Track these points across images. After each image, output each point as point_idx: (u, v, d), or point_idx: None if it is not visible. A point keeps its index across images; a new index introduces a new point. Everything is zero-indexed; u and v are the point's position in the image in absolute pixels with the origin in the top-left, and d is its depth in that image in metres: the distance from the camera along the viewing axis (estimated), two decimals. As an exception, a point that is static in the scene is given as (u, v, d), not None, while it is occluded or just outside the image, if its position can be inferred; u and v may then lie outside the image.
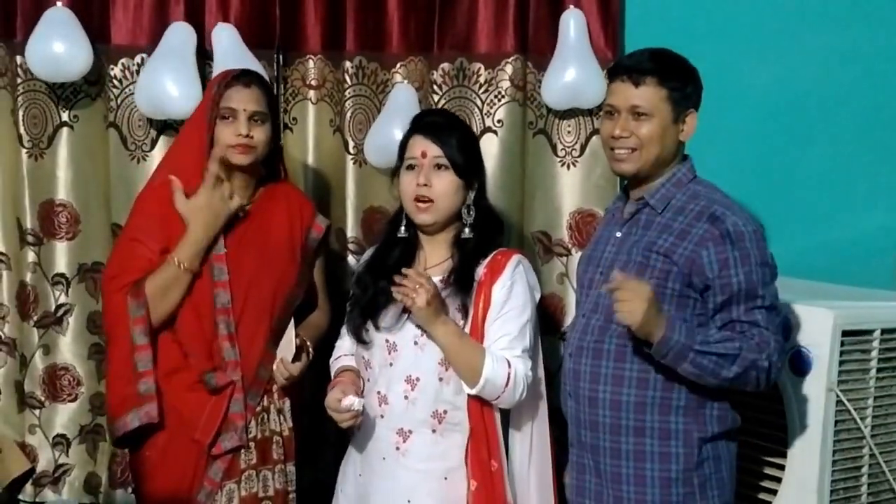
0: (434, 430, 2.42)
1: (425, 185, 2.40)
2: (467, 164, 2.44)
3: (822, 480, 2.55)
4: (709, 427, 2.28)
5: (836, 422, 2.56)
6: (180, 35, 3.02)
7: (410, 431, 2.43)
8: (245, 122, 2.53)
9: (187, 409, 2.53)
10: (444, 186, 2.41)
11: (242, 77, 2.59)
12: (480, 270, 2.42)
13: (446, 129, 2.46)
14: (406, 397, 2.42)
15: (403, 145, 2.50)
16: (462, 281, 2.40)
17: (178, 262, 2.49)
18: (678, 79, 2.32)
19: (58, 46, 2.97)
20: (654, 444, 2.27)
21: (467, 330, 2.39)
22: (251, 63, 2.95)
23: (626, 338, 2.26)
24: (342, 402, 2.38)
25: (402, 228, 2.48)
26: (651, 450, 2.27)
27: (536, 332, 2.48)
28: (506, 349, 2.37)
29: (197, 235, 2.51)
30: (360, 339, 2.49)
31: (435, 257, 2.48)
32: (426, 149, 2.43)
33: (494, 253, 2.45)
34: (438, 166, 2.42)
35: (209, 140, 2.55)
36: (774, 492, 2.62)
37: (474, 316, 2.39)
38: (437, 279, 2.41)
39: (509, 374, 2.34)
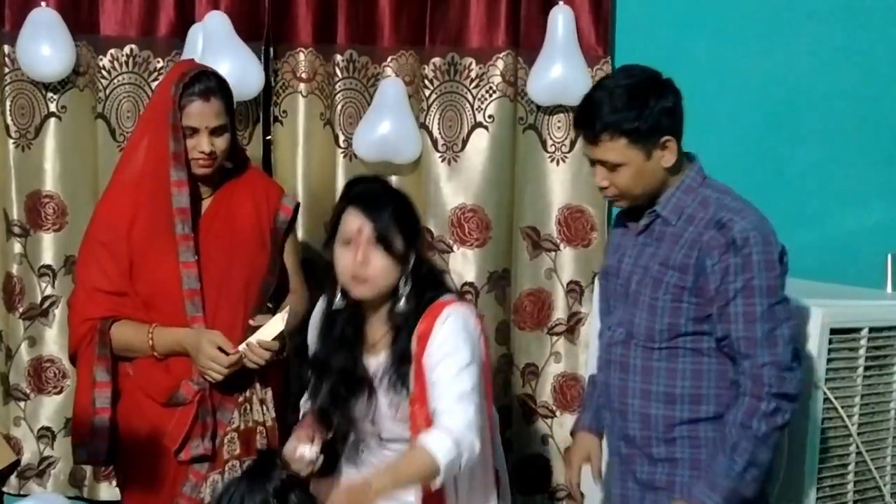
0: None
1: (362, 262, 2.26)
2: (404, 239, 2.28)
3: (809, 478, 2.56)
4: None
5: (824, 419, 2.57)
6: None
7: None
8: (206, 138, 2.52)
9: (156, 415, 2.53)
10: (381, 265, 2.25)
11: (200, 88, 2.51)
12: (418, 328, 2.27)
13: (382, 202, 2.29)
14: (381, 442, 2.32)
15: (338, 216, 2.33)
16: (400, 360, 2.28)
17: (152, 344, 2.51)
18: (633, 119, 2.18)
19: (44, 49, 2.98)
20: (685, 451, 2.26)
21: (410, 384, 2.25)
22: (242, 52, 2.92)
23: (650, 352, 2.26)
24: (296, 453, 2.28)
25: (339, 301, 2.33)
26: (682, 456, 2.26)
27: (480, 370, 2.27)
28: (442, 398, 2.19)
29: (179, 344, 2.50)
30: (328, 426, 2.35)
31: (376, 333, 2.34)
32: (362, 225, 2.26)
33: (431, 307, 2.28)
34: (376, 241, 2.27)
35: (171, 144, 2.49)
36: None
37: (416, 367, 2.25)
38: (385, 353, 2.30)
39: (453, 440, 2.14)
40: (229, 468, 2.56)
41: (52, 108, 3.11)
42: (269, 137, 3.18)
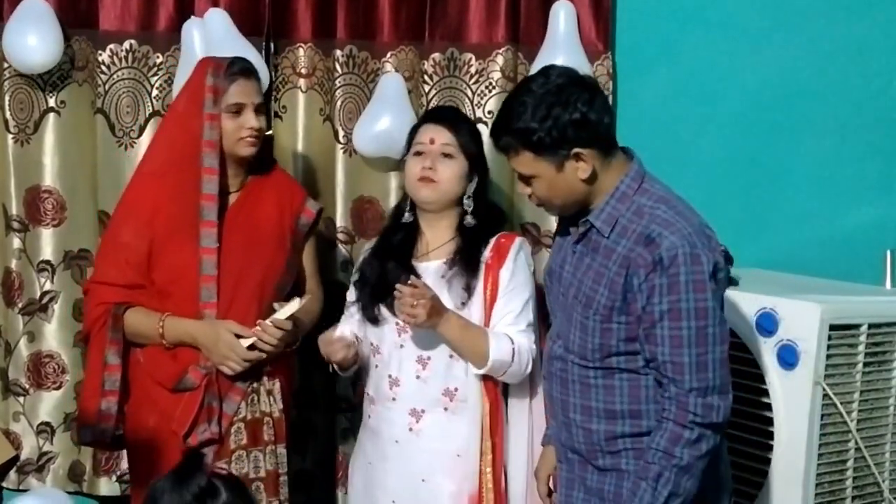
0: (446, 409, 2.51)
1: (430, 168, 2.52)
2: (473, 153, 2.58)
3: (807, 473, 2.56)
4: None
5: (823, 415, 2.57)
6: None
7: (423, 411, 2.51)
8: (253, 114, 2.58)
9: (165, 401, 2.56)
10: (449, 172, 2.53)
11: (241, 67, 2.60)
12: (486, 254, 2.53)
13: (457, 120, 2.62)
14: (418, 377, 2.51)
15: (413, 133, 2.63)
16: (467, 262, 2.51)
17: (162, 332, 2.54)
18: (535, 131, 2.09)
19: (30, 39, 2.96)
20: (630, 463, 2.20)
21: (475, 310, 2.48)
22: (245, 49, 2.92)
23: (587, 370, 2.20)
24: (335, 333, 2.50)
25: (407, 214, 2.60)
26: (626, 467, 2.21)
27: (535, 310, 2.57)
28: (510, 325, 2.48)
29: (191, 335, 2.54)
30: (373, 320, 2.56)
31: (437, 240, 2.58)
32: (435, 136, 2.56)
33: (498, 236, 2.56)
34: (445, 154, 2.55)
35: (206, 132, 2.54)
36: (760, 485, 2.63)
37: (484, 299, 2.49)
38: (440, 261, 2.53)
39: (513, 349, 2.45)
40: (236, 458, 2.58)
41: (52, 103, 3.11)
42: (269, 133, 3.18)
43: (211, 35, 2.97)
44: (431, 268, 2.54)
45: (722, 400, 2.11)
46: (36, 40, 2.97)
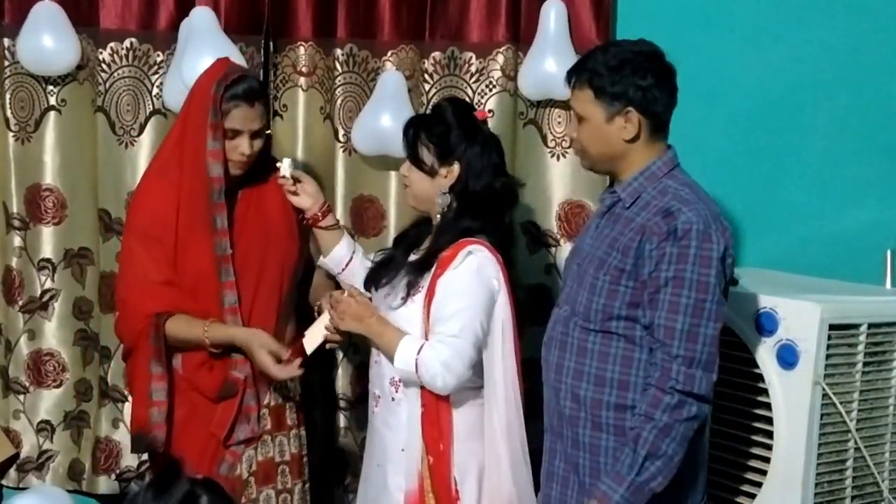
0: (393, 399, 2.55)
1: (406, 175, 2.61)
2: (435, 151, 2.55)
3: (807, 473, 2.56)
4: None
5: (822, 415, 2.57)
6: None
7: (379, 397, 2.59)
8: (248, 140, 2.57)
9: (203, 405, 2.61)
10: (416, 176, 2.58)
11: (245, 91, 2.56)
12: (442, 256, 2.51)
13: (413, 128, 2.59)
14: (376, 361, 2.59)
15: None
16: (419, 264, 2.55)
17: (207, 337, 2.55)
18: (604, 76, 2.25)
19: (46, 41, 2.98)
20: (610, 439, 2.26)
21: (416, 309, 2.50)
22: (228, 47, 2.92)
23: (587, 333, 2.28)
24: (345, 291, 2.60)
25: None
26: (606, 444, 2.26)
27: (488, 317, 2.49)
28: (436, 332, 2.47)
29: (234, 338, 2.57)
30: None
31: (427, 242, 2.62)
32: (405, 149, 2.61)
33: (459, 242, 2.50)
34: (409, 161, 2.61)
35: (210, 142, 2.54)
36: (759, 484, 2.63)
37: (425, 300, 2.50)
38: (416, 256, 2.60)
39: (416, 360, 2.45)
40: (262, 442, 2.65)
41: (52, 101, 3.11)
42: (268, 132, 3.18)
43: (193, 34, 2.95)
44: (410, 260, 2.61)
45: (705, 375, 2.18)
46: (52, 42, 2.99)
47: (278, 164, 2.68)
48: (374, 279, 2.65)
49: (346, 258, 2.73)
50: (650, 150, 2.30)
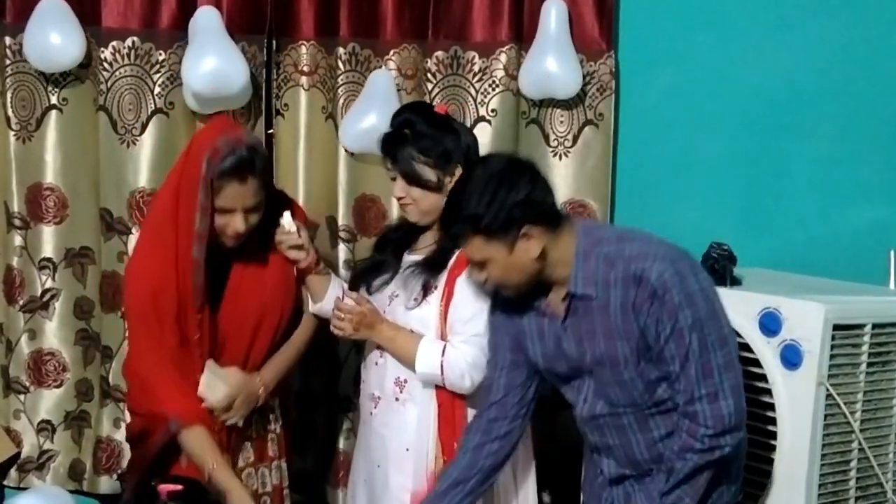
0: (397, 399, 2.54)
1: (402, 197, 2.54)
2: (436, 164, 2.50)
3: (810, 474, 2.55)
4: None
5: (826, 416, 2.56)
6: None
7: (379, 398, 2.57)
8: (242, 217, 2.47)
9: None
10: (418, 193, 2.52)
11: (236, 165, 2.42)
12: (454, 258, 2.50)
13: (402, 144, 2.51)
14: (377, 363, 2.58)
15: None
16: (432, 263, 2.52)
17: (210, 474, 2.47)
18: (486, 214, 2.15)
19: (53, 38, 2.98)
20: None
21: (432, 311, 2.49)
22: (231, 49, 2.91)
23: (640, 410, 2.30)
24: (344, 299, 2.60)
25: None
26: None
27: None
28: (456, 333, 2.47)
29: (230, 493, 2.49)
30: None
31: (424, 241, 2.60)
32: (393, 167, 2.54)
33: None
34: (405, 180, 2.53)
35: (197, 222, 2.45)
36: (763, 485, 2.62)
37: (441, 301, 2.50)
38: (417, 257, 2.56)
39: (442, 361, 2.45)
40: (245, 476, 2.63)
41: (54, 100, 3.10)
42: (270, 131, 3.18)
43: (201, 32, 2.95)
44: (409, 261, 2.58)
45: (733, 402, 2.21)
46: (59, 39, 2.98)
47: (281, 221, 2.58)
48: (365, 283, 2.64)
49: (339, 296, 2.65)
50: (564, 241, 2.23)
